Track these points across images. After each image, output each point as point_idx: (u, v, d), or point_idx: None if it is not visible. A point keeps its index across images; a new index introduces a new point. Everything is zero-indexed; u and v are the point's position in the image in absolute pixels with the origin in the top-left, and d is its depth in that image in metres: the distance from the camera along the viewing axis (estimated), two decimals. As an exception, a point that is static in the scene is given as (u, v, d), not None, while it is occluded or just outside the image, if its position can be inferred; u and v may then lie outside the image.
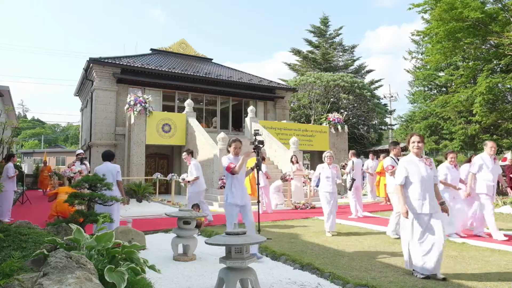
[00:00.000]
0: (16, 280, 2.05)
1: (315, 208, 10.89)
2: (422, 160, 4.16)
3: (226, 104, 20.02)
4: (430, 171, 4.09)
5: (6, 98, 16.57)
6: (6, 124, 12.77)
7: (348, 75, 27.99)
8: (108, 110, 16.36)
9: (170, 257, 4.95)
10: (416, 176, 4.05)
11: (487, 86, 15.42)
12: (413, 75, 25.46)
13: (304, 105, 27.60)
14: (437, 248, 3.88)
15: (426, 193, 4.01)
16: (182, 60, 21.15)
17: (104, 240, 2.70)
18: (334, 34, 36.04)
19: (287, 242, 5.91)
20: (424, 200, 3.99)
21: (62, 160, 36.33)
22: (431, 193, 4.04)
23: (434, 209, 3.99)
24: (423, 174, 4.04)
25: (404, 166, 4.15)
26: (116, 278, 2.27)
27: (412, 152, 4.20)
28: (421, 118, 22.84)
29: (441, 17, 15.22)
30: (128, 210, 10.01)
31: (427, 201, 3.98)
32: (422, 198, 4.00)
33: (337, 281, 3.83)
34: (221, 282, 3.37)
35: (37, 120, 68.68)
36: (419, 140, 4.18)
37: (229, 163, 4.72)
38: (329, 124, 19.09)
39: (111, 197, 5.22)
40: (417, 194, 4.03)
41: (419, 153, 4.19)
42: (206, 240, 3.39)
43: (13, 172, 8.70)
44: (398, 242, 5.88)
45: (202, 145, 13.77)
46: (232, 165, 4.69)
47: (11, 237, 3.56)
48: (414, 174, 4.07)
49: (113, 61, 16.87)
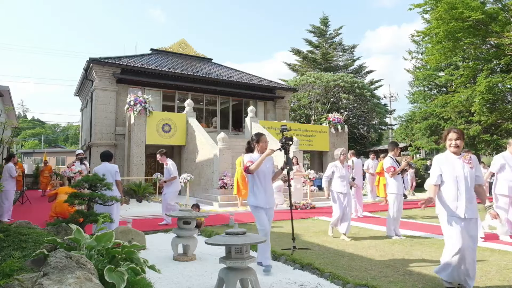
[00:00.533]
0: (16, 280, 2.05)
1: (315, 208, 10.90)
2: (460, 157, 3.59)
3: (226, 104, 20.02)
4: (469, 169, 3.52)
5: (6, 98, 16.57)
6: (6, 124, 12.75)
7: (348, 75, 28.00)
8: (108, 110, 16.36)
9: (170, 257, 4.95)
10: (451, 175, 3.54)
11: (486, 85, 15.42)
12: (413, 75, 25.43)
13: (304, 105, 27.60)
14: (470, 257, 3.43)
15: (463, 194, 3.46)
16: (182, 60, 21.16)
17: (104, 240, 2.70)
18: (334, 34, 36.05)
19: (287, 242, 5.91)
20: (459, 202, 3.47)
21: (62, 160, 36.35)
22: (470, 195, 3.48)
23: (471, 214, 3.44)
24: (459, 173, 3.50)
25: (437, 164, 3.64)
26: (116, 278, 2.27)
27: (449, 151, 3.67)
28: (421, 118, 22.82)
29: (441, 17, 15.21)
30: (128, 210, 10.01)
31: (463, 203, 3.45)
32: (457, 200, 3.48)
33: (337, 281, 3.83)
34: (221, 282, 3.37)
35: (37, 120, 68.69)
36: (457, 137, 3.58)
37: (247, 161, 4.34)
38: (329, 124, 19.09)
39: (111, 197, 5.22)
40: (451, 195, 3.52)
41: (458, 152, 3.62)
42: (206, 240, 3.39)
43: (15, 172, 8.74)
44: (398, 242, 5.89)
45: (202, 145, 13.77)
46: (248, 164, 4.30)
47: (11, 237, 3.56)
48: (448, 173, 3.56)
49: (113, 61, 16.87)
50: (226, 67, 23.71)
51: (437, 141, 21.57)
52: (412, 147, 22.89)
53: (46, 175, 15.89)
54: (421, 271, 4.21)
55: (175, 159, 16.68)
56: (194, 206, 7.34)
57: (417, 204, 12.24)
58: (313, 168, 18.62)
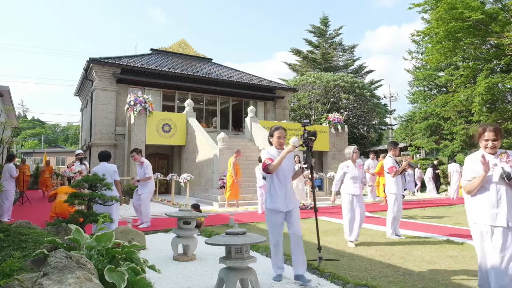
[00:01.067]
0: (16, 280, 2.05)
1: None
2: (496, 156, 3.10)
3: (226, 104, 20.03)
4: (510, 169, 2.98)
5: (6, 98, 16.57)
6: (6, 124, 12.75)
7: (348, 75, 28.03)
8: (108, 110, 16.36)
9: (170, 257, 4.94)
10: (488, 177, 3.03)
11: (486, 86, 15.43)
12: (413, 75, 25.45)
13: (304, 105, 27.61)
14: None
15: (503, 200, 2.99)
16: (182, 60, 21.16)
17: (104, 240, 2.70)
18: (334, 34, 36.06)
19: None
20: (499, 209, 2.99)
21: (62, 160, 36.38)
22: None
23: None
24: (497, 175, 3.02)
25: (471, 165, 3.18)
26: (116, 278, 2.27)
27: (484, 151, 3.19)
28: (421, 118, 22.85)
29: (441, 17, 15.22)
30: (128, 210, 10.01)
31: (504, 210, 2.97)
32: (496, 206, 3.00)
33: (337, 281, 3.83)
34: (221, 282, 3.37)
35: (37, 120, 68.71)
36: (494, 138, 3.09)
37: (266, 159, 3.82)
38: (329, 124, 19.10)
39: (111, 197, 5.22)
40: (489, 201, 3.03)
41: (495, 152, 3.14)
42: (206, 240, 3.39)
43: (15, 172, 8.77)
44: (398, 242, 5.89)
45: (202, 145, 13.77)
46: (267, 162, 3.77)
47: (11, 237, 3.56)
48: None
49: (113, 61, 16.88)
50: (226, 67, 23.72)
51: (437, 141, 21.58)
52: (412, 147, 22.89)
53: (47, 176, 15.67)
54: (421, 271, 4.22)
55: (175, 159, 16.71)
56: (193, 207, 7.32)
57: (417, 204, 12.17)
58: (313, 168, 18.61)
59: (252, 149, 16.06)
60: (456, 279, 3.91)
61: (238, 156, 11.06)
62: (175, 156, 16.85)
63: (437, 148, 21.27)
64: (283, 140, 3.92)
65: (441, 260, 4.74)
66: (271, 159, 3.78)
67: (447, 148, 20.34)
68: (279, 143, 3.93)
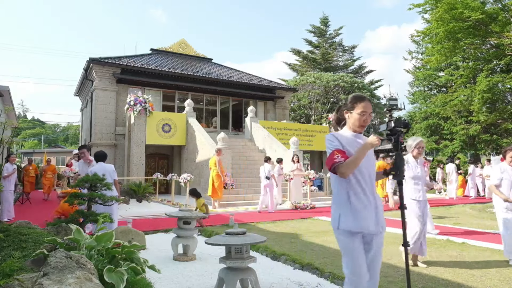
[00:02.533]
0: (16, 280, 2.05)
1: (315, 208, 10.90)
2: None
3: (226, 104, 20.02)
4: None
5: (6, 98, 16.58)
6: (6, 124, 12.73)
7: (348, 75, 28.04)
8: (108, 110, 16.36)
9: (170, 257, 4.95)
10: (507, 183, 4.57)
11: (486, 85, 15.45)
12: (413, 75, 25.48)
13: (304, 105, 27.62)
14: None
15: None
16: (182, 60, 21.16)
17: (104, 240, 2.70)
18: (334, 34, 36.08)
19: (287, 242, 5.91)
20: None
21: (62, 160, 36.40)
22: None
23: None
24: None
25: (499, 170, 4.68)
26: (115, 279, 2.26)
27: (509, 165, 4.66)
28: (421, 119, 22.85)
29: (441, 17, 15.24)
30: (128, 210, 10.01)
31: None
32: None
33: (337, 281, 3.83)
34: (221, 282, 3.37)
35: (37, 120, 68.77)
36: None
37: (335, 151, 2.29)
38: (329, 124, 19.11)
39: (111, 197, 5.22)
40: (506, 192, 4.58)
41: None
42: (206, 240, 3.39)
43: (6, 171, 8.65)
44: (398, 242, 5.88)
45: (202, 145, 13.77)
46: (336, 159, 2.25)
47: (11, 237, 3.56)
48: (506, 181, 4.59)
49: (113, 61, 16.87)
50: (226, 67, 23.71)
51: (437, 141, 21.59)
52: (412, 147, 22.85)
53: (49, 177, 14.47)
54: (421, 271, 4.22)
55: (175, 159, 16.71)
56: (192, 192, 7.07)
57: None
58: (313, 168, 18.61)
59: (252, 149, 16.06)
60: (456, 279, 3.92)
61: (219, 154, 11.20)
62: (175, 156, 16.85)
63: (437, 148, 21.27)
64: (369, 118, 2.42)
65: (441, 260, 4.74)
66: (342, 151, 2.28)
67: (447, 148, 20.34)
68: (360, 124, 2.40)
